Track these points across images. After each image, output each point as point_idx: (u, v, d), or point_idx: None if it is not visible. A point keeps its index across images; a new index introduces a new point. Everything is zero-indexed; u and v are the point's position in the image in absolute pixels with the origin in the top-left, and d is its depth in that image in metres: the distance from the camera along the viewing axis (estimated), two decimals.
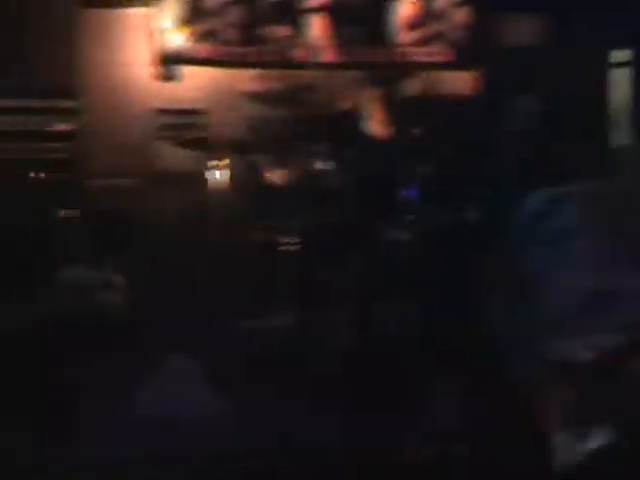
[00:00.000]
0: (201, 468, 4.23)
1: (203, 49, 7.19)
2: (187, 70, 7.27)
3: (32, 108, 5.84)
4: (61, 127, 5.87)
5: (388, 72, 7.23)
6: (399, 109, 6.50)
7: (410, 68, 7.48)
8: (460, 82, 7.65)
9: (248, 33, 7.27)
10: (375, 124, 6.37)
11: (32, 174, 5.53)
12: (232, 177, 6.57)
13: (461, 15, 7.51)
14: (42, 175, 5.59)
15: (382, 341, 5.51)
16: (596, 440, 2.12)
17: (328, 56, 7.34)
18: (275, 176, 6.46)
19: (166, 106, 7.24)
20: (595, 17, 6.93)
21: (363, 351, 5.43)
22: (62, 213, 5.66)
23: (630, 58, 7.59)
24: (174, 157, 7.03)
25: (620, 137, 7.20)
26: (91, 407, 4.45)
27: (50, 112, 6.01)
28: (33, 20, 6.38)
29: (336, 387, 5.06)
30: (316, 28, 7.35)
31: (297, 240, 5.87)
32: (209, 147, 6.23)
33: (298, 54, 7.27)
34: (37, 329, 3.28)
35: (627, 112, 7.35)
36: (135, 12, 7.14)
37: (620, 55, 7.60)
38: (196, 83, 7.31)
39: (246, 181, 7.01)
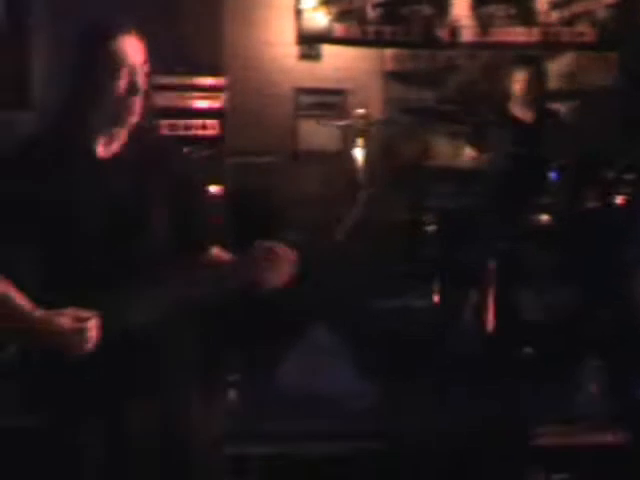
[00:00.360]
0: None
1: (345, 28, 7.20)
2: (329, 50, 7.30)
3: (179, 85, 5.94)
4: (208, 104, 5.95)
5: (532, 52, 7.12)
6: (544, 90, 6.39)
7: (555, 48, 7.37)
8: (605, 63, 7.51)
9: (390, 12, 7.24)
10: (519, 105, 6.28)
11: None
12: (373, 156, 6.57)
13: None
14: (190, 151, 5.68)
15: (524, 326, 5.48)
16: None
17: (471, 36, 7.27)
18: (417, 156, 6.45)
19: (308, 85, 7.29)
20: None
21: (506, 335, 5.41)
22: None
23: None
24: (317, 136, 7.09)
25: None
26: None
27: (197, 89, 6.10)
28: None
29: (476, 369, 5.07)
30: (459, 7, 7.28)
31: (442, 220, 5.85)
32: (351, 126, 6.24)
33: (441, 34, 7.22)
34: None
35: None
36: None
37: None
38: (338, 62, 7.34)
39: (388, 161, 7.02)
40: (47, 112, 2.89)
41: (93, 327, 2.50)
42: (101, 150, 2.67)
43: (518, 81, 6.31)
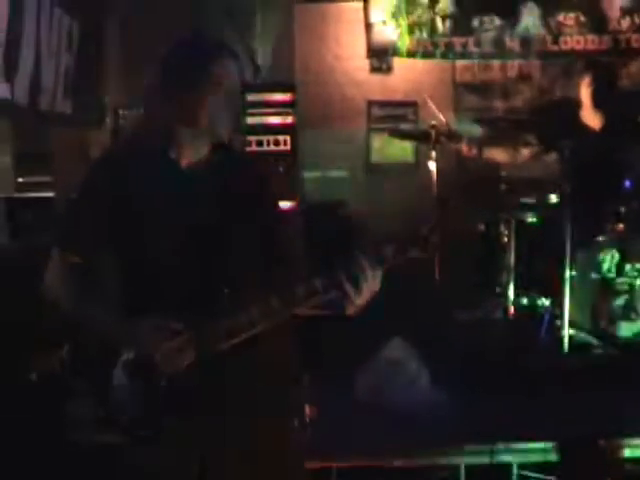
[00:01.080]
0: None
1: (414, 41, 7.22)
2: (400, 62, 7.32)
3: (256, 102, 6.01)
4: (279, 120, 6.00)
5: (604, 60, 7.07)
6: (616, 98, 6.33)
7: (627, 54, 7.30)
8: None
9: (460, 23, 7.24)
10: (593, 113, 6.23)
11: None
12: (448, 168, 6.57)
13: None
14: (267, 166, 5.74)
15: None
16: None
17: (542, 45, 7.23)
18: (489, 166, 6.43)
19: (379, 98, 7.33)
20: None
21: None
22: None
23: None
24: (388, 148, 7.11)
25: None
26: None
27: (272, 106, 6.15)
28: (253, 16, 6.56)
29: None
30: (529, 17, 7.25)
31: (518, 231, 5.83)
32: (424, 138, 6.23)
33: (511, 44, 7.20)
34: None
35: None
36: (349, 6, 7.24)
37: None
38: (409, 75, 7.37)
39: (460, 171, 7.01)
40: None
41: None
42: (186, 162, 2.75)
43: (588, 88, 6.26)
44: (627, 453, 4.30)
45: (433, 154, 5.96)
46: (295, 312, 2.64)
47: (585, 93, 6.24)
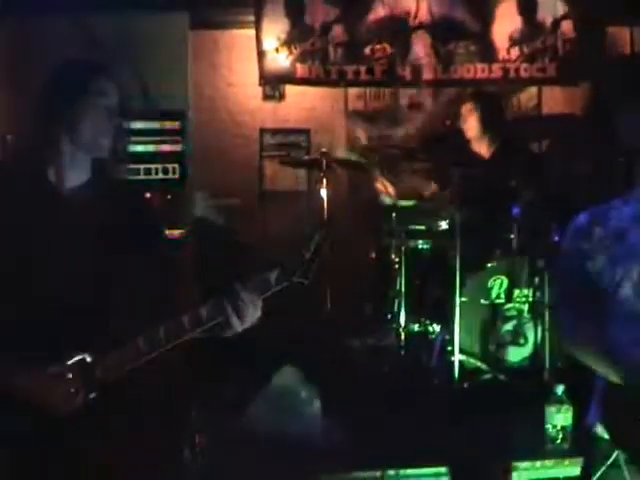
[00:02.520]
0: None
1: (307, 69, 7.23)
2: (293, 90, 7.34)
3: (144, 130, 5.94)
4: (171, 148, 5.95)
5: (493, 88, 7.18)
6: (502, 125, 6.44)
7: (516, 84, 7.43)
8: (567, 98, 7.59)
9: (352, 52, 7.28)
10: (481, 142, 6.33)
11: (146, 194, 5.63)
12: (338, 195, 6.59)
13: (567, 29, 7.42)
14: (154, 195, 5.68)
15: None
16: None
17: (433, 74, 7.31)
18: (381, 194, 6.46)
19: (272, 125, 7.33)
20: None
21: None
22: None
23: None
24: (281, 176, 7.11)
25: None
26: None
27: (160, 134, 6.10)
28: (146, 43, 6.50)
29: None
30: (420, 45, 7.33)
31: (409, 259, 5.86)
32: (315, 166, 6.25)
33: (403, 72, 7.26)
34: None
35: None
36: (242, 33, 7.24)
37: None
38: (301, 102, 7.38)
39: (353, 199, 7.04)
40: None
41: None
42: (67, 186, 2.72)
43: (474, 118, 6.35)
44: (515, 477, 4.34)
45: (324, 181, 5.97)
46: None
47: (472, 122, 6.34)
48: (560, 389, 4.44)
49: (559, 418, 4.44)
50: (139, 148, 5.89)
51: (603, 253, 2.93)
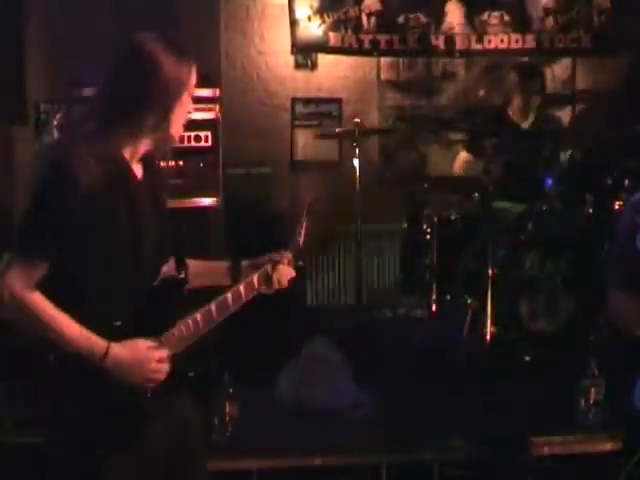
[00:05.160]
0: None
1: (340, 37, 7.18)
2: (325, 59, 7.29)
3: None
4: (201, 116, 5.90)
5: (529, 59, 7.12)
6: (541, 95, 6.38)
7: (550, 54, 7.36)
8: (603, 70, 7.51)
9: (385, 21, 7.22)
10: (516, 111, 6.28)
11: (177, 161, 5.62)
12: (370, 165, 6.56)
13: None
14: (187, 162, 5.67)
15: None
16: None
17: (466, 43, 7.25)
18: (415, 165, 6.44)
19: (304, 95, 7.29)
20: None
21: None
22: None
23: None
24: (314, 145, 7.08)
25: None
26: None
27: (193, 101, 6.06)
28: (177, 10, 6.47)
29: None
30: (454, 15, 7.26)
31: (440, 229, 5.83)
32: (348, 136, 6.21)
33: (436, 42, 7.20)
34: None
35: None
36: (274, 2, 7.19)
37: None
38: (333, 72, 7.34)
39: (385, 168, 7.01)
40: None
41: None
42: (133, 163, 2.73)
43: (514, 87, 6.31)
44: (547, 450, 4.33)
45: (357, 151, 5.92)
46: None
47: (510, 92, 6.30)
48: (593, 363, 4.40)
49: (592, 392, 4.40)
50: None
51: None
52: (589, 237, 5.61)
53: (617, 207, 5.59)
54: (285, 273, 2.93)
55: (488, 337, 5.33)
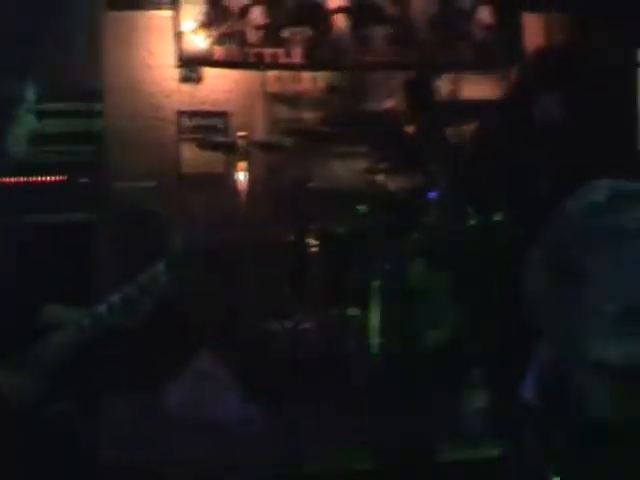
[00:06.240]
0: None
1: (225, 51, 7.17)
2: (210, 72, 7.26)
3: (59, 111, 5.80)
4: (86, 129, 5.81)
5: (413, 73, 7.20)
6: (427, 108, 6.46)
7: (433, 69, 7.45)
8: (487, 83, 7.63)
9: (271, 34, 7.23)
10: (403, 124, 6.35)
11: (59, 176, 5.52)
12: (257, 180, 6.55)
13: (487, 15, 7.47)
14: (67, 177, 5.57)
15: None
16: None
17: (351, 57, 7.30)
18: (300, 178, 6.44)
19: (189, 108, 7.24)
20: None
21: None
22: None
23: None
24: (199, 159, 7.03)
25: None
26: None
27: (75, 115, 5.97)
28: (60, 23, 6.36)
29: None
30: (339, 29, 7.31)
31: (327, 241, 5.85)
32: (233, 149, 6.20)
33: (322, 55, 7.24)
34: None
35: None
36: (159, 14, 7.14)
37: None
38: (219, 85, 7.31)
39: (272, 183, 7.00)
40: None
41: None
42: None
43: (400, 101, 6.38)
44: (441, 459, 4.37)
45: (242, 165, 5.91)
46: None
47: (396, 104, 6.37)
48: (478, 372, 4.46)
49: (477, 401, 4.46)
50: (53, 129, 5.76)
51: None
52: (474, 248, 5.68)
53: (499, 219, 5.71)
54: None
55: (374, 349, 5.36)
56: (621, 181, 2.84)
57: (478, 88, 7.64)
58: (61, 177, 5.58)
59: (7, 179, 5.12)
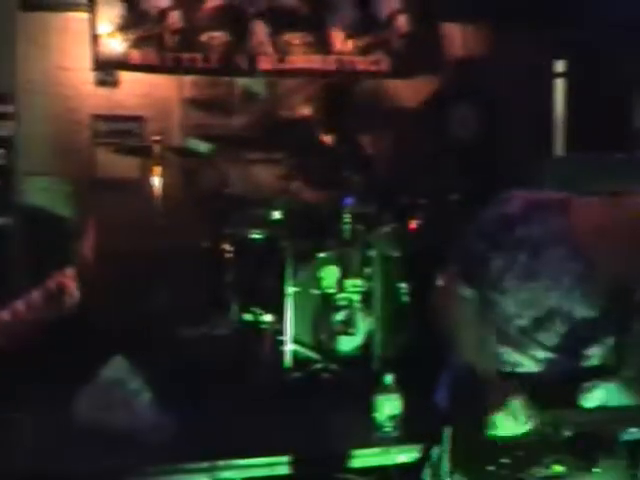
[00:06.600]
0: None
1: (142, 55, 7.12)
2: (127, 76, 7.20)
3: None
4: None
5: (330, 80, 7.23)
6: (344, 116, 6.50)
7: (350, 76, 7.49)
8: (403, 92, 7.69)
9: (188, 39, 7.20)
10: (319, 133, 6.37)
11: None
12: (173, 185, 6.52)
13: (405, 23, 7.53)
14: None
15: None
16: None
17: (269, 63, 7.31)
18: (215, 183, 6.43)
19: (105, 112, 7.18)
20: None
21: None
22: None
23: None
24: (115, 164, 6.97)
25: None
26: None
27: None
28: None
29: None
30: (257, 35, 7.31)
31: (242, 248, 5.86)
32: (149, 154, 6.16)
33: (240, 61, 7.23)
34: None
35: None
36: (75, 16, 7.06)
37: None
38: (136, 89, 7.26)
39: (187, 188, 6.97)
40: None
41: None
42: None
43: (317, 108, 6.40)
44: (353, 464, 4.38)
45: (157, 170, 5.88)
46: None
47: (312, 112, 6.38)
48: (389, 378, 4.49)
49: (388, 407, 4.49)
50: None
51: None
52: (387, 256, 5.73)
53: (414, 226, 5.77)
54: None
55: (288, 355, 5.37)
56: (534, 192, 2.88)
57: (395, 96, 7.70)
58: None
59: None
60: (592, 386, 2.83)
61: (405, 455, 4.34)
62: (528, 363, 2.96)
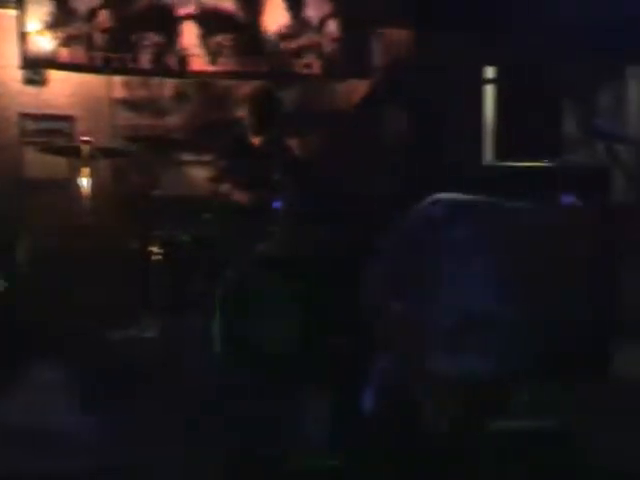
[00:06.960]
0: None
1: (71, 54, 7.06)
2: (56, 75, 7.13)
3: None
4: None
5: (262, 82, 7.23)
6: (275, 119, 6.50)
7: (283, 78, 7.51)
8: (334, 95, 7.73)
9: (118, 38, 7.16)
10: (249, 134, 6.37)
11: None
12: (101, 185, 6.47)
13: (336, 28, 7.57)
14: None
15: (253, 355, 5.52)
16: None
17: (200, 65, 7.29)
18: (145, 184, 6.40)
19: (33, 111, 7.09)
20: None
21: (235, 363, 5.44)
22: None
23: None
24: (42, 164, 6.89)
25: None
26: None
27: None
28: None
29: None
30: (188, 36, 7.29)
31: (171, 249, 5.83)
32: (77, 154, 6.10)
33: (170, 62, 7.20)
34: None
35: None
36: (3, 13, 6.97)
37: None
38: (65, 88, 7.19)
39: (116, 189, 6.93)
40: None
41: None
42: None
43: (248, 110, 6.39)
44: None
45: (85, 170, 5.84)
46: None
47: (243, 114, 6.38)
48: (318, 382, 4.50)
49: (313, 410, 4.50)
50: None
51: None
52: (320, 258, 5.75)
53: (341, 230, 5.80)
54: None
55: (217, 357, 5.36)
56: (460, 195, 2.92)
57: (325, 100, 7.73)
58: None
59: None
60: None
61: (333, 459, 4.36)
62: (456, 364, 3.00)
